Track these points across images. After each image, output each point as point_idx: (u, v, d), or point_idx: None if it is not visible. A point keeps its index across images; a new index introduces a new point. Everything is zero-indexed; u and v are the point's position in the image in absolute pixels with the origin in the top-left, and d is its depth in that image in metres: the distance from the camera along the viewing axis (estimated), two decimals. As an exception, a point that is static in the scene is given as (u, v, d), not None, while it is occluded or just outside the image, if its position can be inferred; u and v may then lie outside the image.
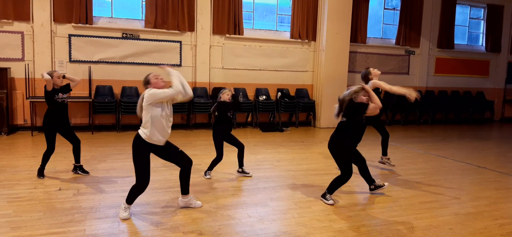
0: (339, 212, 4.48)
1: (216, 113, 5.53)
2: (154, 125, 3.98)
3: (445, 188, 5.52)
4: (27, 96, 8.71)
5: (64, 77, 5.47)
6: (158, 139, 4.03)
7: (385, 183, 5.27)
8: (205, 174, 5.72)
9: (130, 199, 4.15)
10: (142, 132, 4.02)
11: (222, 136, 5.59)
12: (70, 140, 5.57)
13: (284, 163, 6.74)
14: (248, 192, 5.14)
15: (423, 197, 5.14)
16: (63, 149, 7.18)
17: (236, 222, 4.11)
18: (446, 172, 6.55)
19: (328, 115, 11.11)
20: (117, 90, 9.53)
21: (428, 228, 4.11)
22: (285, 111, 10.85)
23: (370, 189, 5.17)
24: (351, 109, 4.57)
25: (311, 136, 9.74)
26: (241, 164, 5.82)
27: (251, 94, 10.76)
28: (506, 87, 14.38)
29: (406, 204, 4.83)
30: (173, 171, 5.89)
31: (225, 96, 5.50)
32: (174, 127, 9.86)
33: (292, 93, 11.14)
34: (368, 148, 7.69)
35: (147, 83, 4.11)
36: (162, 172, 5.83)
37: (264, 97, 10.62)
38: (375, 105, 4.56)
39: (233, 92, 5.61)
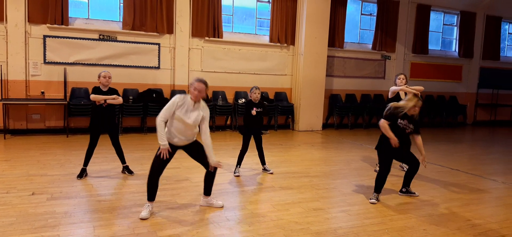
0: (317, 215, 4.53)
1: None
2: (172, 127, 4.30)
3: (419, 190, 5.63)
4: (1, 98, 8.46)
5: (105, 101, 5.49)
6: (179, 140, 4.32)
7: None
8: (234, 172, 6.09)
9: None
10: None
11: (247, 131, 6.08)
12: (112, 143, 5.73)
13: (263, 166, 6.75)
14: (226, 195, 5.13)
15: (398, 199, 5.24)
16: (36, 153, 7.02)
17: (214, 225, 4.10)
18: (420, 174, 6.68)
19: (306, 118, 11.22)
20: (93, 93, 9.36)
21: (403, 229, 4.20)
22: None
23: (401, 191, 5.46)
24: None
25: (290, 139, 9.80)
26: (262, 162, 6.35)
27: (230, 97, 10.76)
28: (478, 92, 14.84)
29: (382, 206, 4.92)
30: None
31: (253, 95, 6.03)
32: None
33: (271, 96, 11.19)
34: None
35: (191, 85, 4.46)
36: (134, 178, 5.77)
37: (243, 100, 10.63)
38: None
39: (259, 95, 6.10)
